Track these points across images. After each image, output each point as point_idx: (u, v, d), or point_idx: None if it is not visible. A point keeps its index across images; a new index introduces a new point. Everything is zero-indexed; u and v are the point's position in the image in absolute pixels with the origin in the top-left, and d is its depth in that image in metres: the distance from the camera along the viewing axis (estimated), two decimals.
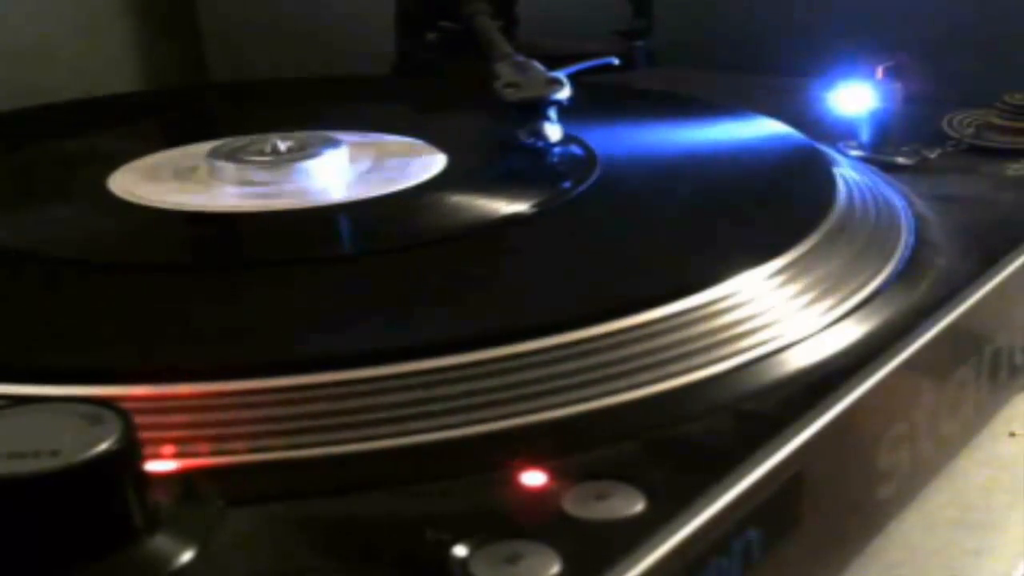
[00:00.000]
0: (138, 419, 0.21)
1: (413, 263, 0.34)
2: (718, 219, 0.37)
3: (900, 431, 0.30)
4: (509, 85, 0.45)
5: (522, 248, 0.35)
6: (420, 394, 0.26)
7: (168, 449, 0.24)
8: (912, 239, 0.36)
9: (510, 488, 0.23)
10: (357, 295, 0.32)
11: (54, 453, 0.20)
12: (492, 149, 0.46)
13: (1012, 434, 0.36)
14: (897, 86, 0.47)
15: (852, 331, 0.30)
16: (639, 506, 0.22)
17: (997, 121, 0.48)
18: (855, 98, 0.47)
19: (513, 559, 0.21)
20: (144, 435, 0.21)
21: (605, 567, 0.21)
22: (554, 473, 0.24)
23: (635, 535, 0.22)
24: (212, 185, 0.41)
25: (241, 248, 0.39)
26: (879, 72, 0.47)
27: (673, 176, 0.41)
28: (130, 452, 0.21)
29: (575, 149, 0.44)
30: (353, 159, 0.43)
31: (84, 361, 0.27)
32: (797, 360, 0.29)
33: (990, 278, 0.34)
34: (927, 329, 0.31)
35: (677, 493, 0.23)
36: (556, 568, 0.21)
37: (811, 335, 0.30)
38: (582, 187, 0.40)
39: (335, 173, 0.42)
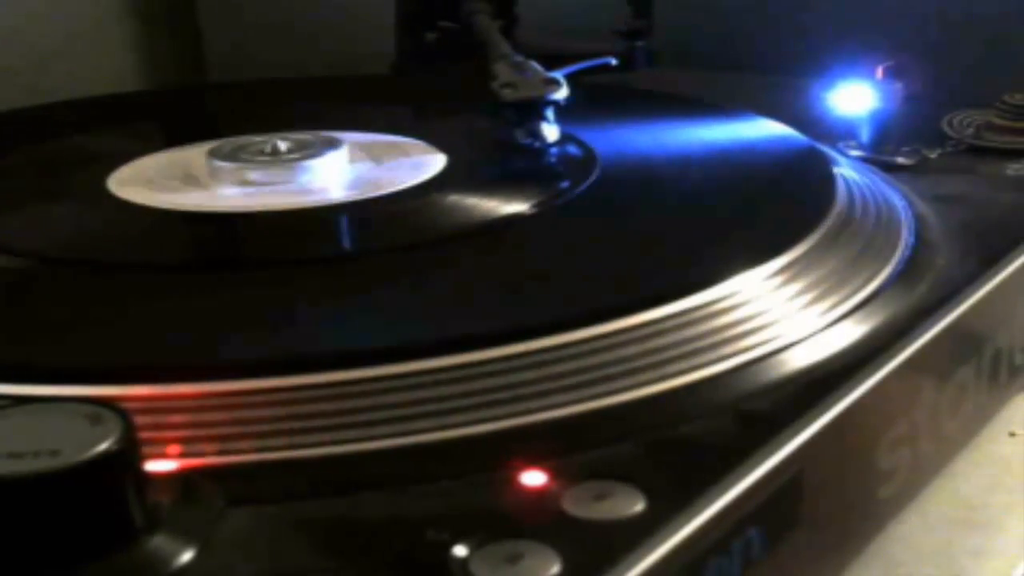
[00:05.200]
0: (138, 419, 0.21)
1: (412, 263, 0.34)
2: (718, 219, 0.37)
3: (900, 431, 0.30)
4: (506, 85, 0.45)
5: (522, 248, 0.35)
6: (420, 394, 0.26)
7: (168, 449, 0.24)
8: (912, 239, 0.36)
9: (510, 488, 0.23)
10: (357, 295, 0.32)
11: (54, 453, 0.20)
12: (492, 149, 0.46)
13: (1012, 434, 0.36)
14: (897, 86, 0.47)
15: (852, 331, 0.30)
16: (639, 506, 0.22)
17: (997, 121, 0.48)
18: (855, 98, 0.47)
19: (513, 559, 0.21)
20: (144, 435, 0.21)
21: (605, 567, 0.21)
22: (554, 473, 0.24)
23: (635, 535, 0.22)
24: (212, 185, 0.41)
25: (241, 248, 0.39)
26: (879, 72, 0.47)
27: (673, 176, 0.41)
28: (130, 452, 0.21)
29: (575, 149, 0.44)
30: (353, 159, 0.43)
31: (84, 361, 0.27)
32: (797, 360, 0.29)
33: (990, 278, 0.34)
34: (927, 329, 0.31)
35: (677, 493, 0.23)
36: (556, 568, 0.21)
37: (811, 335, 0.30)
38: (582, 187, 0.40)
39: (335, 173, 0.42)
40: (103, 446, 0.20)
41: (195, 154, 0.44)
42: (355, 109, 0.53)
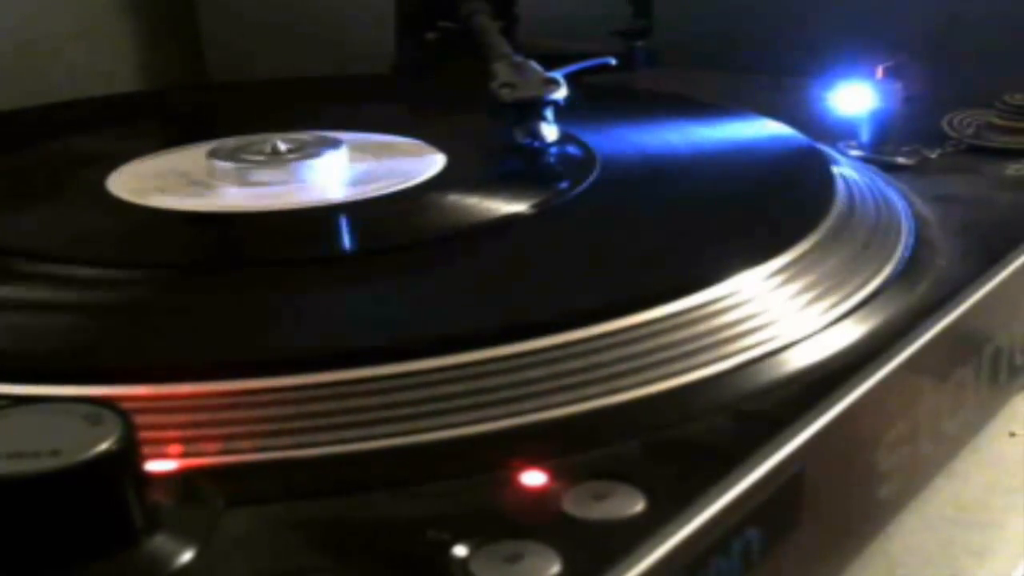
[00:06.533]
0: (138, 419, 0.21)
1: (412, 263, 0.34)
2: (718, 219, 0.37)
3: (900, 431, 0.30)
4: (505, 85, 0.45)
5: (521, 248, 0.35)
6: (420, 394, 0.26)
7: (168, 449, 0.24)
8: (912, 239, 0.36)
9: (510, 488, 0.23)
10: (356, 295, 0.32)
11: (54, 453, 0.20)
12: (492, 149, 0.46)
13: (1012, 434, 0.36)
14: (897, 86, 0.47)
15: (852, 331, 0.30)
16: (639, 506, 0.22)
17: (997, 121, 0.48)
18: (855, 98, 0.47)
19: (513, 559, 0.21)
20: (144, 435, 0.21)
21: (605, 567, 0.21)
22: (554, 473, 0.24)
23: (635, 535, 0.22)
24: (212, 185, 0.41)
25: (241, 248, 0.39)
26: (879, 72, 0.47)
27: (673, 176, 0.41)
28: (130, 452, 0.21)
29: (575, 149, 0.44)
30: (353, 159, 0.43)
31: (84, 361, 0.27)
32: (797, 360, 0.29)
33: (990, 278, 0.34)
34: (927, 329, 0.31)
35: (677, 493, 0.23)
36: (556, 568, 0.21)
37: (811, 335, 0.30)
38: (582, 187, 0.40)
39: (335, 173, 0.42)
40: (103, 446, 0.20)
41: (195, 154, 0.44)
42: (355, 109, 0.53)
